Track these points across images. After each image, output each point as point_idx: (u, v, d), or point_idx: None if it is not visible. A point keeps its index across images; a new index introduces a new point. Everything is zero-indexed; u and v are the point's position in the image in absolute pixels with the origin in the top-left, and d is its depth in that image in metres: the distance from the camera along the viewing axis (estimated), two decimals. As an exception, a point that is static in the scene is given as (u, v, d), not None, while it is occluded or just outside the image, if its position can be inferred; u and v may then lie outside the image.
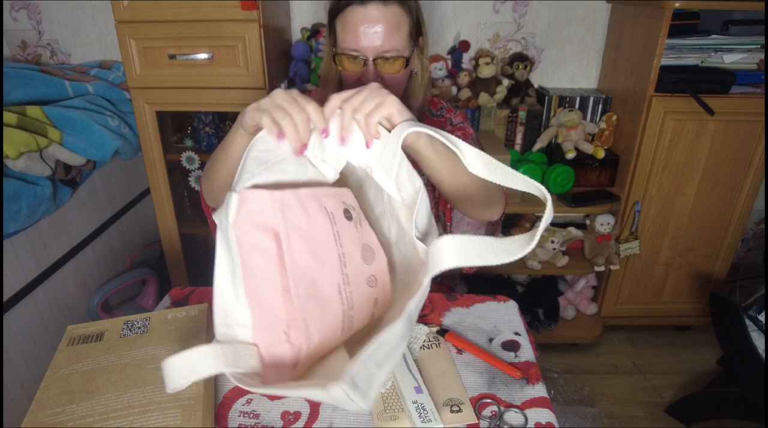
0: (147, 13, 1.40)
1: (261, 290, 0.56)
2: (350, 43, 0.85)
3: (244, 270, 0.56)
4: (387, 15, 0.83)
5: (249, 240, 0.55)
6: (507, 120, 1.80)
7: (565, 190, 1.74)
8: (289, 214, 0.55)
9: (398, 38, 0.85)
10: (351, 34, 0.85)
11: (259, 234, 0.55)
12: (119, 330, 0.70)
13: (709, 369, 1.77)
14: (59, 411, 0.58)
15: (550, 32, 1.85)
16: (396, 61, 0.87)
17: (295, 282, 0.54)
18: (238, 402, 0.63)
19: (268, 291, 0.56)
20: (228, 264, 0.57)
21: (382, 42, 0.84)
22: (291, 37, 1.82)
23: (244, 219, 0.55)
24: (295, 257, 0.54)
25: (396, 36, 0.85)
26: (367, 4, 0.83)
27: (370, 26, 0.83)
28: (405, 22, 0.86)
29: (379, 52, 0.85)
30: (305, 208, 0.56)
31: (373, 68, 0.87)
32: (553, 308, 1.88)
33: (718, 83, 1.52)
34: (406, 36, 0.87)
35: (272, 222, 0.55)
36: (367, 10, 0.83)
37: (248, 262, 0.56)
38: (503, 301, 0.83)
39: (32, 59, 1.93)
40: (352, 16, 0.84)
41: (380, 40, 0.84)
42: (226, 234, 0.56)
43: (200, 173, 1.66)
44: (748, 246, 2.22)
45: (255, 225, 0.55)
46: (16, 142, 1.20)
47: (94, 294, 1.53)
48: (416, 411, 0.59)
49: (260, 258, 0.55)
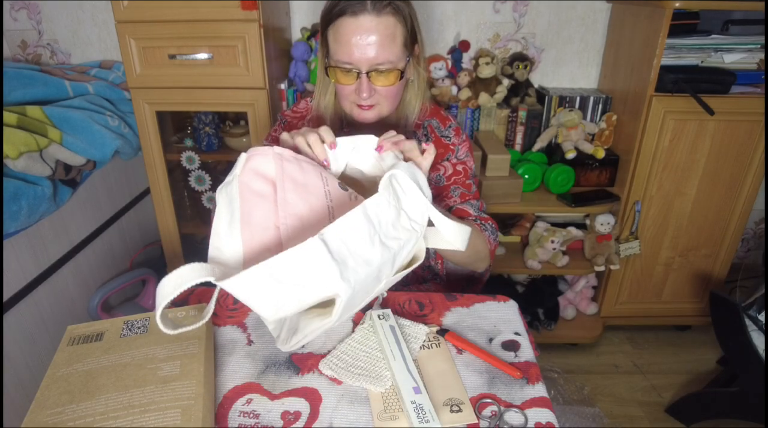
0: (147, 13, 1.40)
1: (256, 229, 0.63)
2: (342, 55, 0.83)
3: (243, 215, 0.64)
4: (380, 26, 0.81)
5: (251, 187, 0.65)
6: (507, 120, 1.80)
7: (565, 189, 1.74)
8: (286, 165, 0.66)
9: (392, 50, 0.83)
10: (343, 46, 0.82)
11: (259, 181, 0.65)
12: (119, 330, 0.70)
13: (709, 369, 1.77)
14: (59, 411, 0.58)
15: (550, 32, 1.85)
16: (390, 73, 0.85)
17: (285, 215, 0.63)
18: (238, 402, 0.63)
19: (262, 231, 0.63)
20: (227, 213, 0.64)
21: (375, 54, 0.82)
22: (291, 37, 1.82)
23: (248, 170, 0.65)
24: (286, 195, 0.64)
25: (390, 47, 0.83)
26: (359, 15, 0.80)
27: (363, 38, 0.81)
28: (399, 32, 0.84)
29: (373, 64, 0.83)
30: (301, 165, 0.67)
31: (367, 81, 0.84)
32: (553, 308, 1.88)
33: (718, 83, 1.52)
34: (400, 47, 0.84)
35: (271, 170, 0.65)
36: (359, 21, 0.80)
37: (248, 208, 0.64)
38: (503, 301, 0.83)
39: (32, 59, 1.93)
40: (344, 27, 0.82)
41: (373, 52, 0.82)
42: (229, 187, 0.65)
43: (200, 173, 1.67)
44: (748, 246, 2.22)
45: (257, 173, 0.65)
46: (16, 142, 1.20)
47: (94, 294, 1.53)
48: (414, 411, 0.59)
49: (258, 200, 0.64)
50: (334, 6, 0.83)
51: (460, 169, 0.97)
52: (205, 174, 1.67)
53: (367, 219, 0.61)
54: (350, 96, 0.88)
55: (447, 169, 0.97)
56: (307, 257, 0.55)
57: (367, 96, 0.86)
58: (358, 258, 0.59)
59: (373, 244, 0.61)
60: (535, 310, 1.88)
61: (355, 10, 0.80)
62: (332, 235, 0.56)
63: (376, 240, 0.61)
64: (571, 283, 1.92)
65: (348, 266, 0.58)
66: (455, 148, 0.99)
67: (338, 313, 0.60)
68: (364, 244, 0.60)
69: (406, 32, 0.85)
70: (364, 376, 0.65)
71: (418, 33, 0.90)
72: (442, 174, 0.97)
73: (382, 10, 0.81)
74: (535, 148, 1.80)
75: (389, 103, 0.90)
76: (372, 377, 0.65)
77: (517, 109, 1.78)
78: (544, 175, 1.75)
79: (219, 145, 1.70)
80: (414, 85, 0.95)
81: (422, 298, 0.83)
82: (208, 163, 1.70)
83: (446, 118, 1.02)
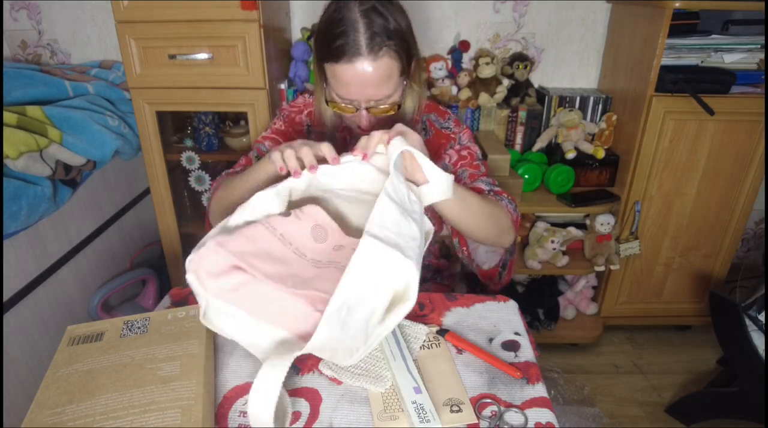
0: (147, 13, 1.40)
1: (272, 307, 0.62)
2: (341, 92, 0.85)
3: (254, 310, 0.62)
4: (377, 70, 0.81)
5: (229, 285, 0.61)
6: (507, 120, 1.80)
7: (565, 189, 1.74)
8: (234, 246, 0.62)
9: (389, 86, 0.84)
10: (342, 85, 0.84)
11: (225, 278, 0.61)
12: (119, 330, 0.70)
13: (709, 369, 1.77)
14: (59, 411, 0.58)
15: (550, 32, 1.85)
16: (388, 105, 0.87)
17: (283, 281, 0.61)
18: (238, 402, 0.63)
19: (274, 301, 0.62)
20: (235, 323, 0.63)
21: (373, 93, 0.84)
22: (291, 37, 1.82)
23: (209, 280, 0.61)
24: (266, 270, 0.62)
25: (387, 85, 0.84)
26: (355, 62, 0.80)
27: (360, 80, 0.82)
28: (395, 69, 0.84)
29: (371, 100, 0.85)
30: (245, 236, 0.64)
31: (367, 114, 0.87)
32: (553, 308, 1.88)
33: (718, 83, 1.52)
34: (397, 80, 0.85)
35: (222, 262, 0.61)
36: (355, 67, 0.80)
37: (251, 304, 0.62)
38: (503, 301, 0.83)
39: (32, 59, 1.93)
40: (341, 71, 0.82)
41: (372, 92, 0.83)
42: (214, 308, 0.63)
43: (200, 173, 1.66)
44: (748, 246, 2.22)
45: (217, 274, 0.61)
46: (16, 142, 1.20)
47: (94, 294, 1.53)
48: (415, 411, 0.59)
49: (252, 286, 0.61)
50: (329, 41, 0.82)
51: (465, 154, 0.98)
52: (205, 174, 1.67)
53: (392, 201, 0.63)
54: (350, 119, 0.92)
55: (452, 157, 0.98)
56: (368, 258, 0.57)
57: (366, 125, 0.89)
58: (405, 236, 0.61)
59: (408, 220, 0.63)
60: (535, 310, 1.88)
61: (351, 55, 0.80)
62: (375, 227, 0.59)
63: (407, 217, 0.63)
64: (571, 283, 1.92)
65: (401, 245, 0.60)
66: (457, 136, 1.00)
67: (415, 294, 0.61)
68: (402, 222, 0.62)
69: (402, 64, 0.85)
70: (364, 376, 0.65)
71: (414, 51, 0.89)
72: (447, 162, 0.98)
73: (378, 53, 0.80)
74: (535, 148, 1.80)
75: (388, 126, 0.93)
76: (372, 377, 0.65)
77: (517, 109, 1.78)
78: (544, 175, 1.75)
79: (219, 145, 1.70)
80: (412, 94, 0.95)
81: (422, 298, 0.83)
82: (208, 163, 1.70)
83: (444, 112, 1.03)
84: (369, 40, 0.79)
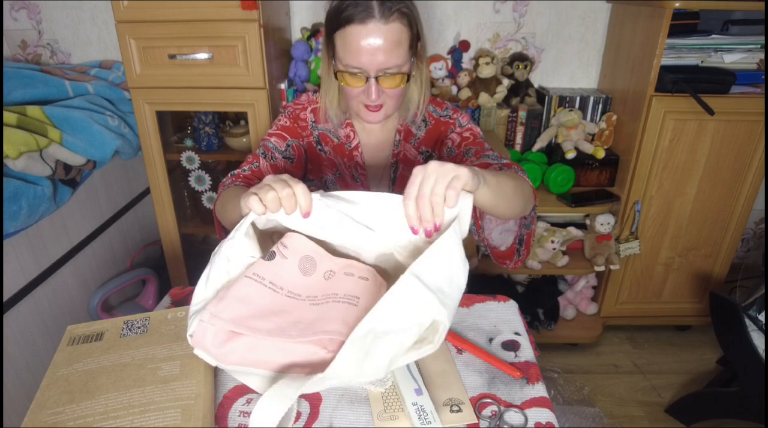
0: (147, 13, 1.40)
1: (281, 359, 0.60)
2: (351, 60, 0.85)
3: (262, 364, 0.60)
4: (388, 33, 0.82)
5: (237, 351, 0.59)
6: (507, 120, 1.80)
7: (565, 189, 1.74)
8: (228, 314, 0.59)
9: (399, 54, 0.85)
10: (352, 52, 0.84)
11: (230, 344, 0.59)
12: (119, 330, 0.70)
13: (709, 369, 1.77)
14: (59, 411, 0.58)
15: (550, 32, 1.85)
16: (397, 76, 0.87)
17: (286, 333, 0.59)
18: (238, 402, 0.63)
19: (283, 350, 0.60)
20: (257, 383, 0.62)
21: (383, 59, 0.84)
22: (291, 37, 1.82)
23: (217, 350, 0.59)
24: (267, 328, 0.60)
25: (397, 52, 0.84)
26: (367, 23, 0.81)
27: (372, 44, 0.82)
28: (405, 36, 0.85)
29: (381, 68, 0.85)
30: (236, 299, 0.61)
31: (375, 84, 0.87)
32: (553, 308, 1.88)
33: (718, 83, 1.52)
34: (406, 50, 0.86)
35: (226, 327, 0.59)
36: (368, 28, 0.82)
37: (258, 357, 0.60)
38: (503, 301, 0.83)
39: (32, 59, 1.93)
40: (353, 34, 0.83)
41: (382, 58, 0.84)
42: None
43: (200, 173, 1.66)
44: (748, 246, 2.22)
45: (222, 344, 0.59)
46: (16, 142, 1.20)
47: (94, 294, 1.53)
48: (416, 412, 0.59)
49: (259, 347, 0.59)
50: (341, 10, 0.83)
51: (467, 135, 0.99)
52: (205, 174, 1.67)
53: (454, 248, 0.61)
54: (358, 97, 0.91)
55: (455, 140, 0.99)
56: (405, 296, 0.55)
57: (375, 98, 0.88)
58: (453, 285, 0.60)
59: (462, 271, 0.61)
60: (535, 310, 1.88)
61: (363, 17, 0.81)
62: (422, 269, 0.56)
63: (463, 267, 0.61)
64: (571, 283, 1.92)
65: (444, 291, 0.58)
66: (455, 120, 1.02)
67: (441, 341, 0.60)
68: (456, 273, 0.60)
69: (411, 35, 0.87)
70: (364, 376, 0.65)
71: (421, 32, 0.91)
72: (451, 145, 0.99)
73: (390, 17, 0.82)
74: (535, 148, 1.80)
75: (395, 103, 0.93)
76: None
77: (517, 109, 1.78)
78: (544, 175, 1.75)
79: (219, 145, 1.70)
80: (417, 81, 0.96)
81: (422, 298, 0.83)
82: (208, 163, 1.70)
83: (442, 103, 1.04)
84: (381, 5, 0.82)
